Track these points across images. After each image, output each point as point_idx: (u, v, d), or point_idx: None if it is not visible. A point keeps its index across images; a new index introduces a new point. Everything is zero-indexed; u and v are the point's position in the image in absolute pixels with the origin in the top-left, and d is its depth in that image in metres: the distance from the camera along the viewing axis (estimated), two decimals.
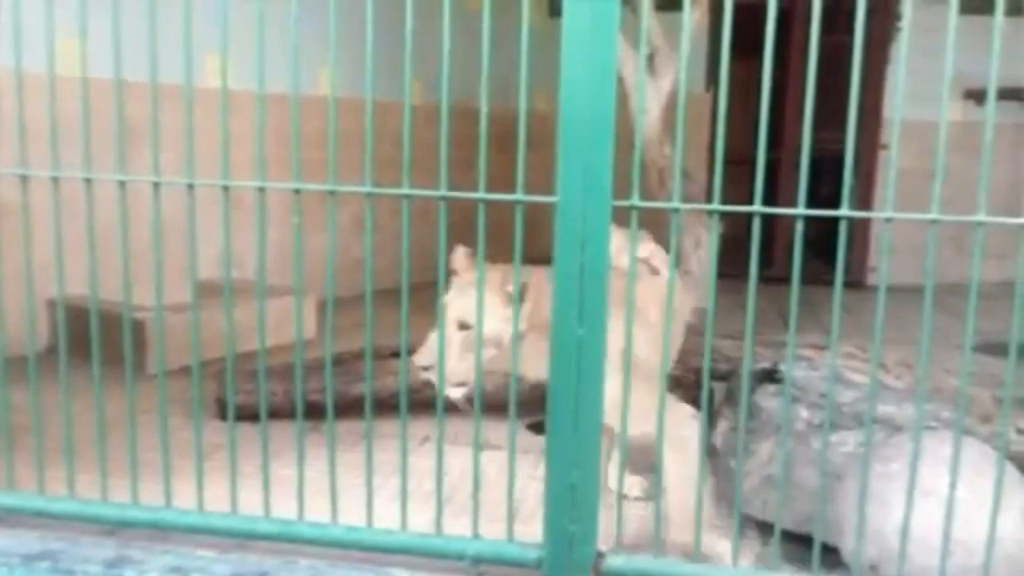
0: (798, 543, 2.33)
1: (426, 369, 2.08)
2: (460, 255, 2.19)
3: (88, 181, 2.07)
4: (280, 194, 2.07)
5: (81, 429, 2.21)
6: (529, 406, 2.84)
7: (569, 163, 1.81)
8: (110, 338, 2.47)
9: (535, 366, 2.17)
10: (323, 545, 2.09)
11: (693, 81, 6.79)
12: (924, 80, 2.83)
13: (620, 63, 1.87)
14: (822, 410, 2.42)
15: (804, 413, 2.46)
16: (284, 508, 2.12)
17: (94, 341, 2.13)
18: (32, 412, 2.15)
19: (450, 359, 2.07)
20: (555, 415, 1.90)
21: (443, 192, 1.91)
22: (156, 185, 2.04)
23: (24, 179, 2.10)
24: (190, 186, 2.03)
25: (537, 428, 3.10)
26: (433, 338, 2.09)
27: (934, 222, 1.76)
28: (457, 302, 2.10)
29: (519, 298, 2.06)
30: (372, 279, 2.04)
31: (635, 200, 1.85)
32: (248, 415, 2.98)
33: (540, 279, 2.12)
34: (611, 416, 2.00)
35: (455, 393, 2.11)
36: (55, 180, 2.08)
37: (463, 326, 2.09)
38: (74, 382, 2.14)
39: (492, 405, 2.75)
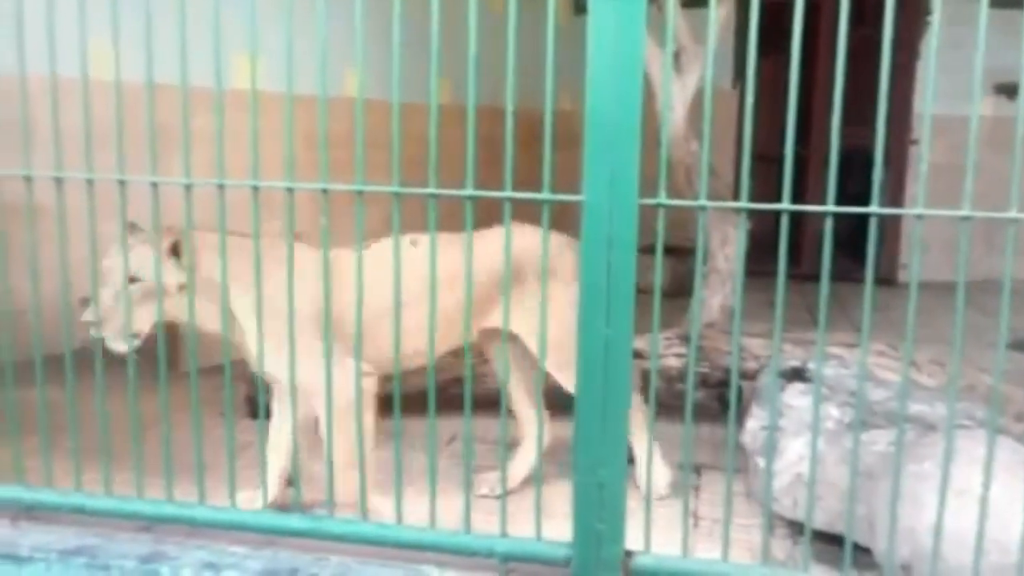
0: (829, 542, 2.32)
1: (93, 325, 2.24)
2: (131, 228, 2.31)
3: (122, 183, 2.10)
4: (308, 194, 2.09)
5: (116, 427, 2.25)
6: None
7: (595, 162, 1.81)
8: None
9: (203, 317, 2.33)
10: (353, 542, 2.11)
11: (720, 78, 6.75)
12: (954, 74, 2.80)
13: (646, 61, 1.87)
14: (853, 409, 2.40)
15: (834, 412, 2.44)
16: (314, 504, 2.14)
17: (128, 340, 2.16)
18: (69, 410, 2.19)
19: (119, 313, 2.25)
20: (582, 414, 1.91)
21: (470, 191, 1.92)
22: (188, 186, 2.07)
23: (59, 181, 2.13)
24: (220, 187, 2.05)
25: None
26: (101, 295, 2.28)
27: (966, 218, 1.74)
28: (124, 261, 2.25)
29: (177, 254, 2.28)
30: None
31: (662, 198, 1.85)
32: None
33: (202, 238, 2.30)
34: (271, 366, 2.32)
35: (125, 345, 2.26)
36: (89, 182, 2.12)
37: (133, 280, 2.27)
38: (109, 381, 2.17)
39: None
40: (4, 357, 2.22)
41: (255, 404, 3.36)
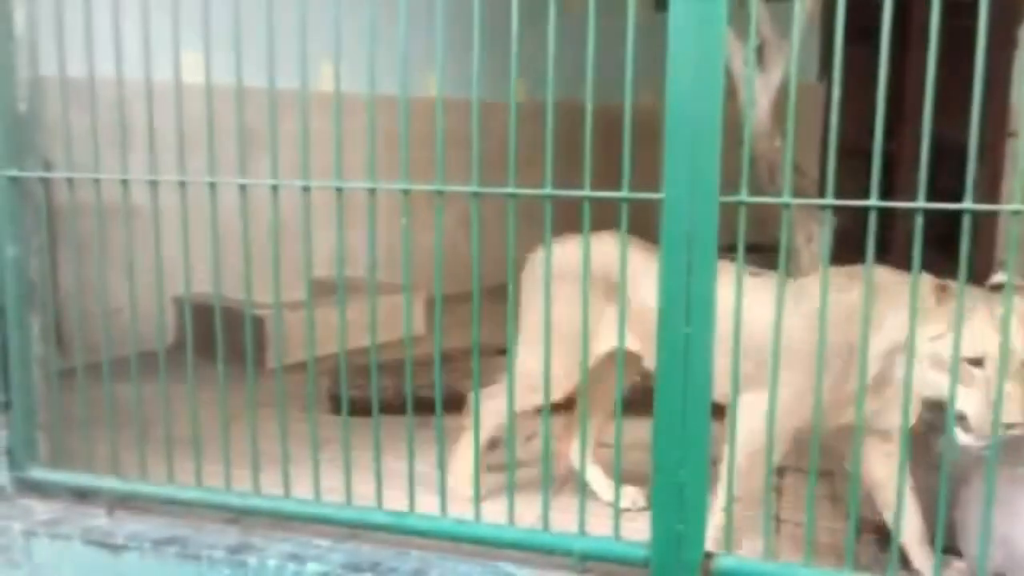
0: None
1: None
2: None
3: (212, 185, 2.17)
4: (390, 194, 2.12)
5: (206, 421, 2.32)
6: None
7: (676, 159, 1.79)
8: (232, 334, 2.58)
9: None
10: (433, 537, 2.14)
11: (805, 71, 6.57)
12: None
13: (728, 55, 1.84)
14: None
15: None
16: (396, 500, 2.17)
17: (218, 337, 2.23)
18: (161, 405, 2.27)
19: None
20: (662, 414, 1.89)
21: (548, 191, 1.92)
22: (274, 188, 2.12)
23: (154, 184, 2.22)
24: (305, 188, 2.10)
25: None
26: None
27: None
28: None
29: None
30: (479, 277, 2.07)
31: (743, 195, 1.81)
32: (360, 409, 3.06)
33: None
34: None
35: None
36: (182, 185, 2.19)
37: None
38: (199, 376, 2.25)
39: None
40: (101, 354, 2.32)
41: (337, 400, 3.43)
